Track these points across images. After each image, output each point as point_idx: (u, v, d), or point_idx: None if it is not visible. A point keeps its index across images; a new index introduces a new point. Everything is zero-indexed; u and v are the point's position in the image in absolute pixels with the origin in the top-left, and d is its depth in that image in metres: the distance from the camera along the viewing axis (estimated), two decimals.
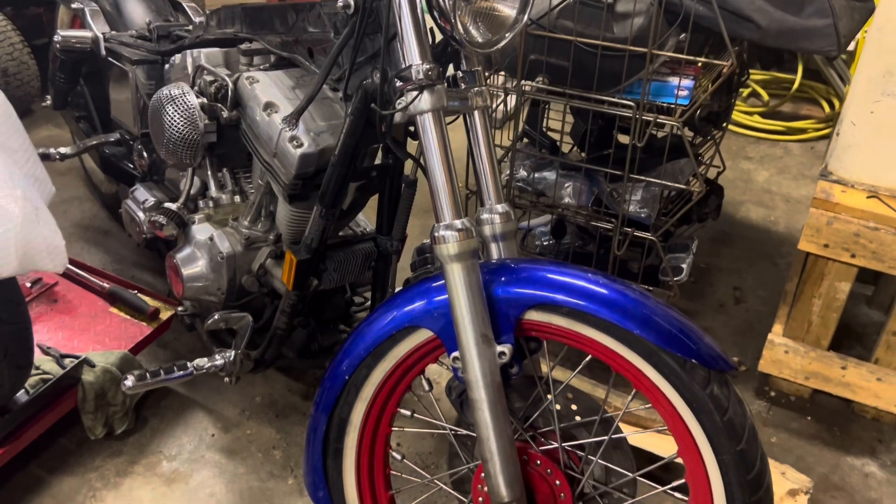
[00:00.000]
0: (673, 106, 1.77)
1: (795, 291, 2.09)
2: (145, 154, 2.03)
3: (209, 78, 1.57)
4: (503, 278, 1.19)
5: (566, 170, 2.08)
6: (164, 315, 1.92)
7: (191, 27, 2.03)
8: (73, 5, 2.18)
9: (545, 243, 2.31)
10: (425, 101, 1.14)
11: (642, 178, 1.87)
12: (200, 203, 1.75)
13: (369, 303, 1.79)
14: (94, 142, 2.14)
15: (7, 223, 1.19)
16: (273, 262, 1.65)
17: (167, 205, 1.72)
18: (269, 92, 1.48)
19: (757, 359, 2.00)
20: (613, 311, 1.14)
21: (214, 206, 1.73)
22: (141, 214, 1.89)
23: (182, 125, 1.52)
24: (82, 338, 1.85)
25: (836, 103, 3.55)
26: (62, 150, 2.13)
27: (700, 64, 1.80)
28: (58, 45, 2.03)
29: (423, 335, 1.27)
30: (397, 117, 1.20)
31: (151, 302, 1.94)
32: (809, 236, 1.76)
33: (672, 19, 1.76)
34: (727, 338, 2.22)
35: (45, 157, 2.09)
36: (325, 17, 1.37)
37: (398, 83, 1.17)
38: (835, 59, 1.68)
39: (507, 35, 1.24)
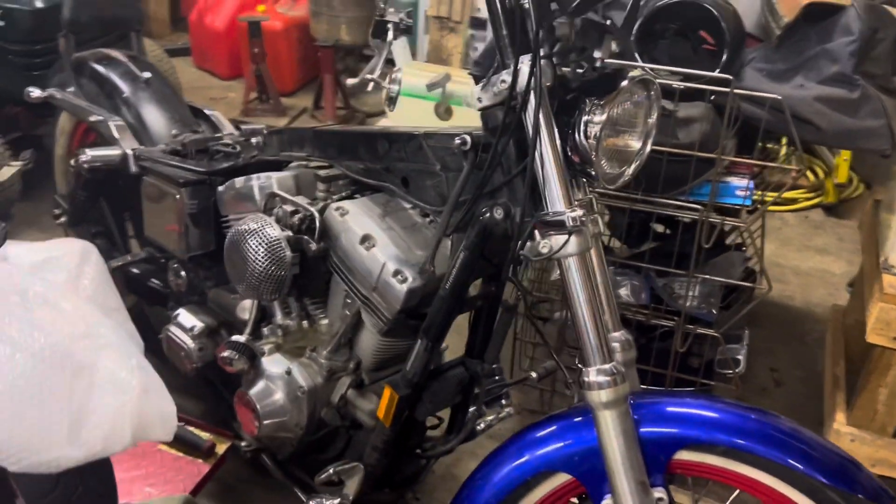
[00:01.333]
0: (738, 207, 1.82)
1: (846, 377, 2.14)
2: (183, 273, 1.95)
3: (289, 208, 1.53)
4: (649, 417, 1.18)
5: (619, 267, 2.09)
6: (220, 449, 1.82)
7: (229, 141, 1.99)
8: (92, 118, 2.10)
9: None
10: (573, 245, 1.13)
11: (707, 276, 1.90)
12: (265, 331, 1.68)
13: (444, 424, 1.74)
14: (121, 262, 2.05)
15: (123, 395, 1.11)
16: (355, 393, 1.59)
17: (235, 338, 1.64)
18: (364, 224, 1.45)
19: None
20: (773, 447, 1.13)
21: (283, 333, 1.66)
22: (190, 343, 1.80)
23: (267, 260, 1.47)
24: (134, 482, 1.73)
25: (820, 172, 3.71)
26: None
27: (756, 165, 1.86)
28: (85, 165, 1.95)
29: (561, 479, 1.23)
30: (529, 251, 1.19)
31: (205, 435, 1.84)
32: (879, 330, 1.81)
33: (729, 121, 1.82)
34: None
35: None
36: (428, 149, 1.36)
37: (540, 226, 1.16)
38: (888, 157, 1.75)
39: (632, 166, 1.26)
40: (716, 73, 1.71)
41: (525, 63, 1.14)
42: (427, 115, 3.69)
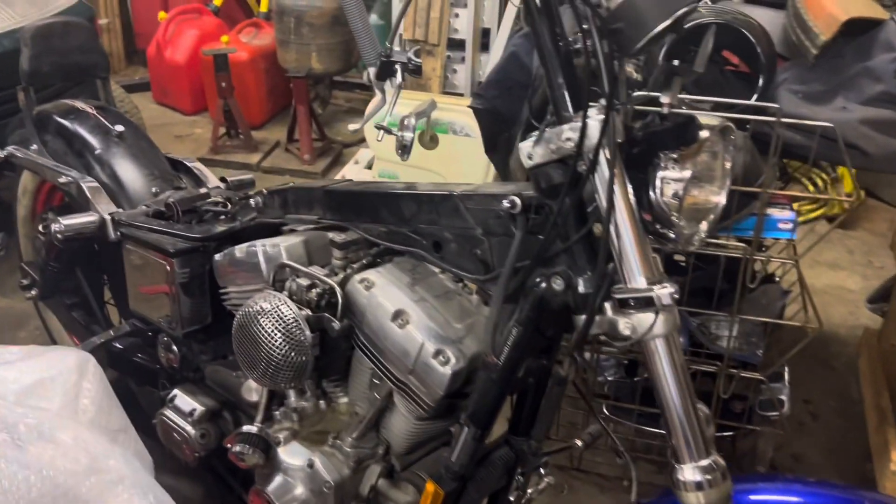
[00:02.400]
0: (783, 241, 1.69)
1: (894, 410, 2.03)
2: (175, 348, 1.76)
3: (304, 281, 1.36)
4: None
5: None
6: None
7: (219, 198, 1.82)
8: (61, 180, 1.90)
9: (614, 379, 2.16)
10: (661, 325, 0.99)
11: (749, 316, 1.78)
12: (278, 415, 1.50)
13: None
14: (103, 339, 1.85)
15: None
16: (386, 483, 1.42)
17: (246, 428, 1.46)
18: (394, 297, 1.28)
19: (859, 479, 1.92)
20: None
21: (300, 418, 1.48)
22: (191, 430, 1.62)
23: (285, 345, 1.29)
24: None
25: (820, 181, 3.64)
26: None
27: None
28: (59, 235, 1.76)
29: None
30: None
31: None
32: None
33: (763, 148, 1.70)
34: (824, 462, 2.13)
35: None
36: (466, 211, 1.20)
37: (618, 303, 1.01)
38: None
39: (708, 222, 1.12)
40: (757, 102, 1.59)
41: (595, 116, 0.99)
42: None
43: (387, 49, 1.58)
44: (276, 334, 1.30)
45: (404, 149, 1.55)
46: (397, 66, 1.60)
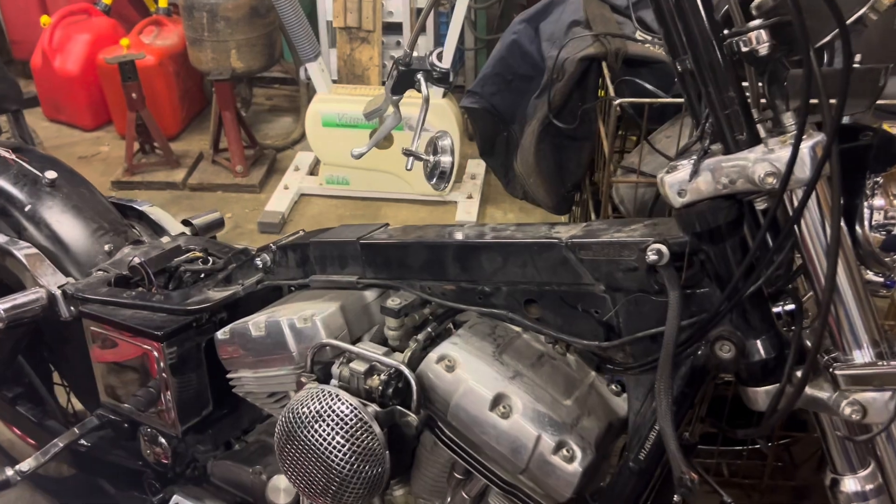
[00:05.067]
0: None
1: None
2: (163, 441, 1.45)
3: (360, 367, 1.08)
4: None
5: None
6: None
7: (197, 253, 1.51)
8: None
9: None
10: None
11: None
12: None
13: None
14: (69, 439, 1.51)
15: None
16: None
17: None
18: (487, 378, 1.03)
19: None
20: None
21: None
22: None
23: (353, 457, 1.01)
24: None
25: None
26: (22, 466, 1.48)
27: None
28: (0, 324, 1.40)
29: None
30: None
31: None
32: None
33: None
34: None
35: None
36: (579, 263, 0.96)
37: (834, 377, 0.80)
38: None
39: None
40: None
41: (809, 142, 0.76)
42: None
43: (406, 55, 1.31)
44: (338, 443, 1.02)
45: (442, 176, 1.29)
46: (419, 77, 1.32)
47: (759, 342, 0.88)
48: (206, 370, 1.36)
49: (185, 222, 1.72)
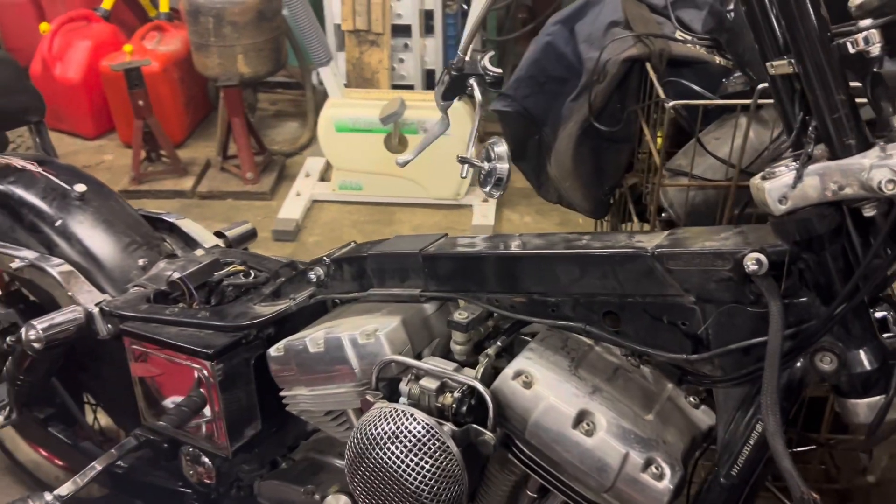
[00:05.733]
0: None
1: None
2: (206, 461, 1.41)
3: (431, 384, 1.04)
4: None
5: None
6: None
7: (238, 266, 1.47)
8: (15, 265, 1.49)
9: None
10: None
11: None
12: None
13: None
14: (107, 462, 1.46)
15: None
16: None
17: None
18: (567, 394, 0.99)
19: None
20: None
21: None
22: None
23: (431, 477, 0.98)
24: None
25: None
26: (61, 490, 1.42)
27: None
28: (37, 345, 1.35)
29: None
30: None
31: None
32: None
33: None
34: None
35: None
36: (667, 274, 0.93)
37: None
38: None
39: None
40: None
41: None
42: (375, 151, 3.21)
43: (459, 59, 1.27)
44: (415, 464, 0.98)
45: (499, 183, 1.26)
46: (471, 82, 1.29)
47: (861, 353, 0.85)
48: (256, 390, 1.32)
49: (218, 234, 1.68)
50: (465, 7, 3.84)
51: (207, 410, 1.31)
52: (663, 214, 1.58)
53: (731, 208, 1.47)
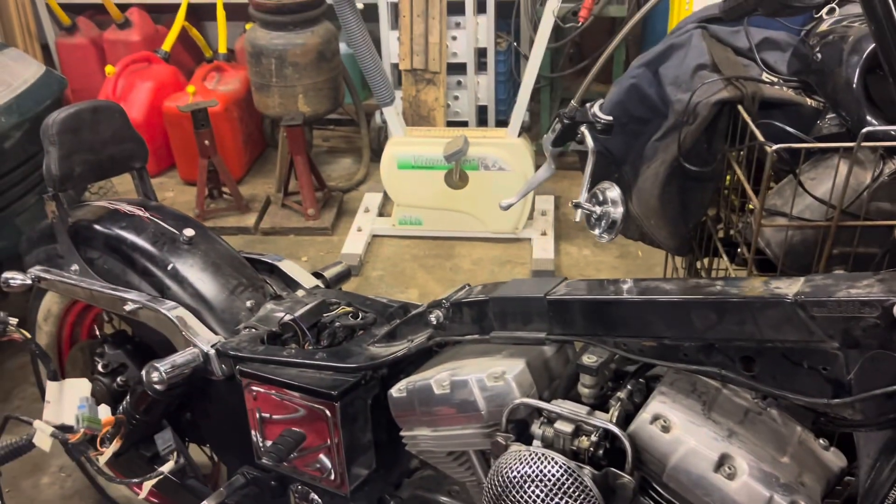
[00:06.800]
0: None
1: None
2: (315, 497, 1.44)
3: (566, 427, 1.07)
4: None
5: None
6: None
7: (346, 308, 1.50)
8: (129, 307, 1.54)
9: None
10: None
11: None
12: None
13: None
14: (218, 499, 1.49)
15: None
16: None
17: None
18: (706, 438, 1.01)
19: None
20: None
21: None
22: None
23: None
24: None
25: None
26: None
27: None
28: (159, 386, 1.40)
29: None
30: None
31: None
32: None
33: None
34: None
35: None
36: (810, 320, 0.94)
37: None
38: None
39: None
40: None
41: None
42: (436, 187, 3.26)
43: (571, 108, 1.31)
44: None
45: (612, 227, 1.28)
46: (583, 130, 1.32)
47: None
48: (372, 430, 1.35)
49: (317, 275, 1.72)
50: (515, 44, 3.92)
51: (323, 451, 1.34)
52: (767, 253, 1.59)
53: (829, 248, 1.48)
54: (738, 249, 1.72)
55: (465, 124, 3.79)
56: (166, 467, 1.52)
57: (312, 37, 3.46)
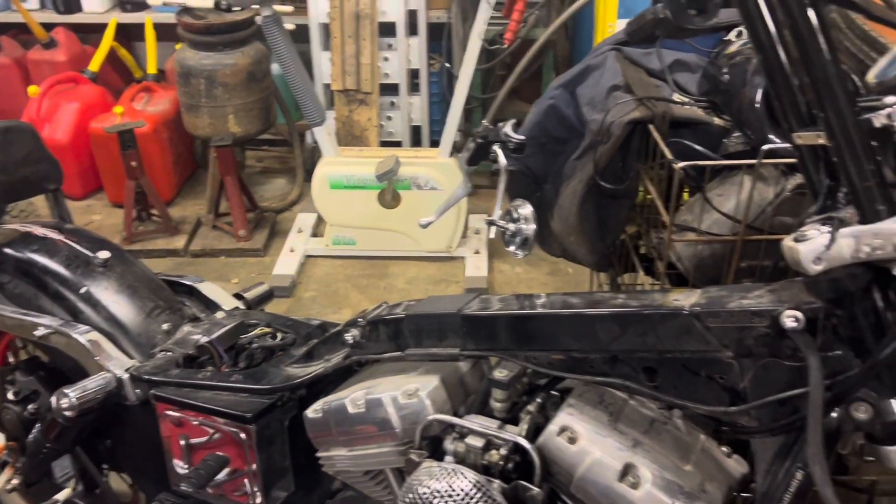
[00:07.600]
0: None
1: None
2: None
3: (475, 442, 1.08)
4: None
5: None
6: None
7: (265, 328, 1.49)
8: (39, 332, 1.49)
9: None
10: None
11: None
12: None
13: None
14: None
15: None
16: None
17: None
18: (611, 448, 1.03)
19: None
20: None
21: None
22: None
23: None
24: None
25: None
26: None
27: None
28: (69, 413, 1.36)
29: None
30: None
31: None
32: None
33: None
34: None
35: None
36: (706, 331, 0.97)
37: None
38: None
39: None
40: None
41: None
42: (369, 206, 3.25)
43: (484, 128, 1.33)
44: None
45: (525, 244, 1.31)
46: (496, 149, 1.34)
47: (894, 402, 0.90)
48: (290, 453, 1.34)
49: (238, 296, 1.70)
50: (448, 65, 3.96)
51: (241, 475, 1.32)
52: (678, 266, 1.63)
53: (737, 262, 1.53)
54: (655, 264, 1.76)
55: (399, 144, 3.80)
56: (62, 495, 1.47)
57: (242, 57, 3.44)
